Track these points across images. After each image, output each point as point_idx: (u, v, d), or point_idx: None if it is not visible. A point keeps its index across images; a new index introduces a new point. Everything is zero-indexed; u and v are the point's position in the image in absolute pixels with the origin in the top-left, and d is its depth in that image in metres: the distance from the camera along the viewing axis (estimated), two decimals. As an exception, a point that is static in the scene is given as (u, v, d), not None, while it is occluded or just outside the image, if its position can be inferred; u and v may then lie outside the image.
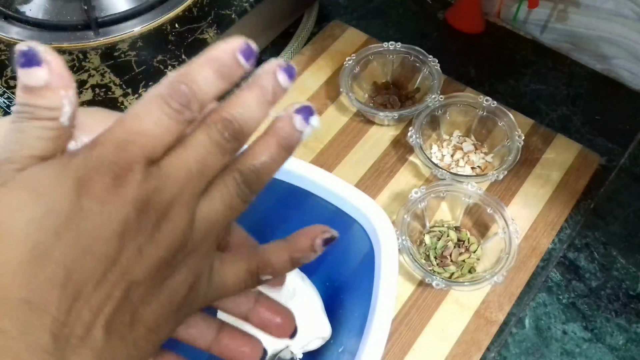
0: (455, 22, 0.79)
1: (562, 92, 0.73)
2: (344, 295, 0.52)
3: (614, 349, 0.55)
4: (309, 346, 0.51)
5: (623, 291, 0.59)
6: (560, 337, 0.56)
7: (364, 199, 0.46)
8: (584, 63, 0.75)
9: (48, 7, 0.64)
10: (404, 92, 0.70)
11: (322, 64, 0.73)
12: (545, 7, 0.73)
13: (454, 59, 0.76)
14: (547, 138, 0.67)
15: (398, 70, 0.71)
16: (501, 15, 0.79)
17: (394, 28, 0.79)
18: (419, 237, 0.61)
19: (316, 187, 0.48)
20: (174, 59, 0.61)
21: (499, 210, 0.58)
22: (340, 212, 0.48)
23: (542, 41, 0.77)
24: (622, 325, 0.57)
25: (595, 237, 0.62)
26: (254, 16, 0.67)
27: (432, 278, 0.54)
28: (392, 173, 0.65)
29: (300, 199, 0.49)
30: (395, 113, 0.65)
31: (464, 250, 0.59)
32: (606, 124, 0.70)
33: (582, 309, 0.58)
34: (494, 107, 0.64)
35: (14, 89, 0.58)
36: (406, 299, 0.57)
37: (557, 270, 0.60)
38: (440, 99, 0.65)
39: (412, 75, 0.70)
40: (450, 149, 0.66)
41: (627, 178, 0.66)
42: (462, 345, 0.55)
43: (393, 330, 0.55)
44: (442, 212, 0.62)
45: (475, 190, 0.59)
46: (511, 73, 0.75)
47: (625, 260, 0.61)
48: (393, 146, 0.67)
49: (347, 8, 0.81)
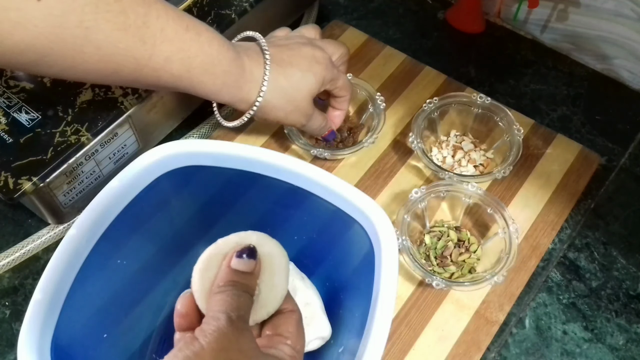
0: (455, 22, 0.79)
1: (562, 92, 0.73)
2: (344, 295, 0.52)
3: (614, 349, 0.55)
4: (309, 346, 0.51)
5: (623, 291, 0.59)
6: (561, 337, 0.56)
7: (364, 199, 0.46)
8: (584, 63, 0.75)
9: (48, 7, 0.64)
10: (346, 126, 0.67)
11: (322, 64, 0.73)
12: (546, 7, 0.73)
13: (454, 59, 0.76)
14: (547, 138, 0.67)
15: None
16: (501, 15, 0.79)
17: (394, 28, 0.79)
18: (419, 237, 0.61)
19: (316, 187, 0.48)
20: (174, 58, 0.61)
21: (499, 210, 0.58)
22: (340, 212, 0.48)
23: (542, 41, 0.77)
24: (623, 326, 0.57)
25: (595, 237, 0.62)
26: (254, 16, 0.67)
27: (432, 278, 0.54)
28: (392, 173, 0.65)
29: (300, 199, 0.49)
30: (327, 152, 0.63)
31: (464, 250, 0.59)
32: (606, 124, 0.70)
33: (582, 309, 0.58)
34: (488, 103, 0.64)
35: (14, 89, 0.58)
36: (406, 299, 0.57)
37: (557, 271, 0.60)
38: (435, 100, 0.65)
39: (360, 109, 0.68)
40: (450, 150, 0.66)
41: (627, 178, 0.66)
42: (462, 346, 0.55)
43: (393, 330, 0.55)
44: (442, 212, 0.62)
45: (476, 190, 0.59)
46: (511, 73, 0.75)
47: (626, 260, 0.60)
48: (393, 146, 0.67)
49: (347, 8, 0.81)
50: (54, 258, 0.43)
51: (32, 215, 0.63)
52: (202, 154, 0.49)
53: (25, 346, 0.41)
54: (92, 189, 0.60)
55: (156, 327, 0.53)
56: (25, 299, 0.58)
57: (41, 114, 0.57)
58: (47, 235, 0.60)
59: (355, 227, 0.47)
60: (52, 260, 0.43)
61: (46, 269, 0.43)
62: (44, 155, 0.55)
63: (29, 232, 0.61)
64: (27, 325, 0.41)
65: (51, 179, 0.55)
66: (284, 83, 0.55)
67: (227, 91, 0.53)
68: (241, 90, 0.54)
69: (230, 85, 0.53)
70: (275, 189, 0.50)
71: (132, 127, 0.60)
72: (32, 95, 0.58)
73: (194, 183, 0.51)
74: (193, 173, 0.50)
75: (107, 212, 0.47)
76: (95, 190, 0.47)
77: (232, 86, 0.53)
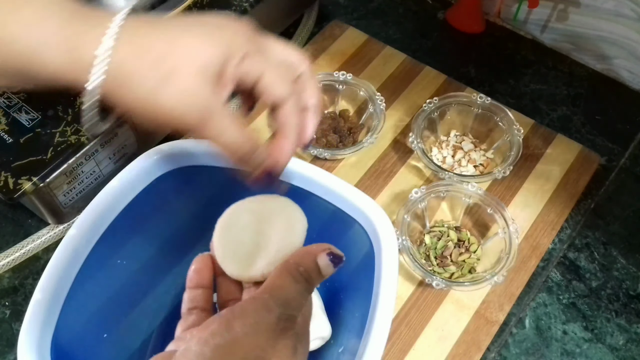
0: (455, 22, 0.79)
1: (562, 92, 0.73)
2: (344, 295, 0.52)
3: (614, 349, 0.55)
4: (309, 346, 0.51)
5: (623, 291, 0.59)
6: (561, 337, 0.56)
7: (364, 199, 0.46)
8: (584, 63, 0.75)
9: (48, 7, 0.64)
10: (346, 126, 0.68)
11: (322, 63, 0.73)
12: (545, 7, 0.73)
13: (454, 59, 0.76)
14: (547, 138, 0.67)
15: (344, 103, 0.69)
16: (501, 15, 0.79)
17: (394, 28, 0.79)
18: (419, 237, 0.61)
19: (316, 187, 0.48)
20: (173, 58, 0.61)
21: (499, 210, 0.58)
22: (340, 212, 0.48)
23: (542, 41, 0.77)
24: (623, 326, 0.57)
25: (595, 237, 0.62)
26: (254, 16, 0.67)
27: (432, 278, 0.54)
28: (392, 173, 0.65)
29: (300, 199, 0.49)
30: (327, 152, 0.63)
31: (464, 250, 0.59)
32: (606, 124, 0.70)
33: (582, 309, 0.58)
34: (488, 103, 0.64)
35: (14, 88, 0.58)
36: (406, 299, 0.57)
37: (557, 271, 0.60)
38: (435, 100, 0.65)
39: (360, 109, 0.68)
40: (450, 150, 0.66)
41: (627, 178, 0.66)
42: (462, 346, 0.55)
43: (393, 330, 0.55)
44: (442, 212, 0.62)
45: (476, 190, 0.59)
46: (511, 73, 0.75)
47: (626, 260, 0.60)
48: (393, 146, 0.67)
49: (347, 8, 0.81)
50: (54, 258, 0.43)
51: (32, 215, 0.63)
52: (202, 154, 0.49)
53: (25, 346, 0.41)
54: (92, 189, 0.60)
55: (156, 327, 0.53)
56: (25, 299, 0.58)
57: (41, 114, 0.57)
58: (47, 235, 0.60)
59: (355, 227, 0.47)
60: (52, 260, 0.43)
61: (46, 269, 0.43)
62: (44, 155, 0.55)
63: (29, 232, 0.61)
64: (27, 325, 0.41)
65: (51, 179, 0.54)
66: (147, 42, 0.33)
67: (56, 50, 0.33)
68: (76, 45, 0.33)
69: (61, 40, 0.33)
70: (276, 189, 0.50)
71: (132, 127, 0.60)
72: (32, 95, 0.58)
73: (194, 183, 0.51)
74: (193, 173, 0.50)
75: (107, 212, 0.47)
76: (95, 190, 0.47)
77: (64, 41, 0.33)
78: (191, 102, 0.33)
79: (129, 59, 0.32)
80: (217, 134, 0.35)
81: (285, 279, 0.32)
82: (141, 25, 0.34)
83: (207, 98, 0.34)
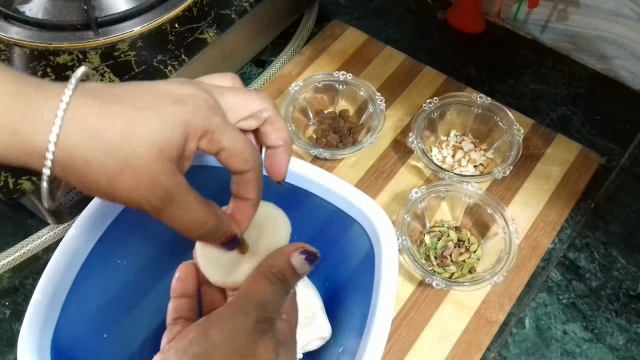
0: (455, 22, 0.79)
1: (562, 92, 0.73)
2: (344, 295, 0.52)
3: (614, 349, 0.55)
4: (309, 346, 0.51)
5: (623, 291, 0.59)
6: (561, 337, 0.56)
7: (364, 199, 0.46)
8: (584, 63, 0.75)
9: (48, 7, 0.64)
10: (346, 126, 0.67)
11: (322, 63, 0.73)
12: (545, 7, 0.73)
13: (454, 59, 0.76)
14: (547, 138, 0.67)
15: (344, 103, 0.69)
16: (501, 15, 0.79)
17: (394, 28, 0.79)
18: (419, 237, 0.61)
19: (316, 187, 0.48)
20: (173, 58, 0.61)
21: (499, 210, 0.58)
22: (340, 212, 0.48)
23: (542, 41, 0.77)
24: (623, 326, 0.57)
25: (595, 237, 0.62)
26: (254, 16, 0.67)
27: (432, 278, 0.54)
28: (392, 173, 0.65)
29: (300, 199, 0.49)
30: (327, 152, 0.63)
31: (464, 250, 0.59)
32: (606, 124, 0.70)
33: (582, 309, 0.58)
34: (488, 103, 0.64)
35: None
36: (406, 299, 0.57)
37: (557, 271, 0.60)
38: (435, 100, 0.65)
39: (360, 109, 0.68)
40: (450, 150, 0.66)
41: (627, 178, 0.66)
42: (462, 345, 0.55)
43: (393, 330, 0.55)
44: (442, 212, 0.62)
45: (476, 190, 0.59)
46: (511, 73, 0.75)
47: (626, 260, 0.60)
48: (393, 146, 0.67)
49: (347, 8, 0.81)
50: (54, 258, 0.43)
51: (32, 215, 0.63)
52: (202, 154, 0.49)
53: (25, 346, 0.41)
54: (92, 189, 0.60)
55: (156, 327, 0.53)
56: (25, 299, 0.58)
57: (41, 114, 0.57)
58: (47, 235, 0.60)
59: (355, 227, 0.47)
60: (52, 260, 0.43)
61: (46, 269, 0.43)
62: (44, 155, 0.54)
63: (29, 232, 0.61)
64: (27, 325, 0.41)
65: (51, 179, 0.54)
66: (102, 125, 0.31)
67: (2, 134, 0.31)
68: (22, 130, 0.31)
69: (6, 124, 0.30)
70: (276, 189, 0.50)
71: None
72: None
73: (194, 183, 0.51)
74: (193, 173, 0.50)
75: (107, 212, 0.47)
76: (95, 190, 0.47)
77: (9, 126, 0.30)
78: (151, 188, 0.31)
79: (81, 146, 0.31)
80: (179, 215, 0.33)
81: (260, 282, 0.33)
82: (92, 102, 0.32)
83: (168, 182, 0.32)
